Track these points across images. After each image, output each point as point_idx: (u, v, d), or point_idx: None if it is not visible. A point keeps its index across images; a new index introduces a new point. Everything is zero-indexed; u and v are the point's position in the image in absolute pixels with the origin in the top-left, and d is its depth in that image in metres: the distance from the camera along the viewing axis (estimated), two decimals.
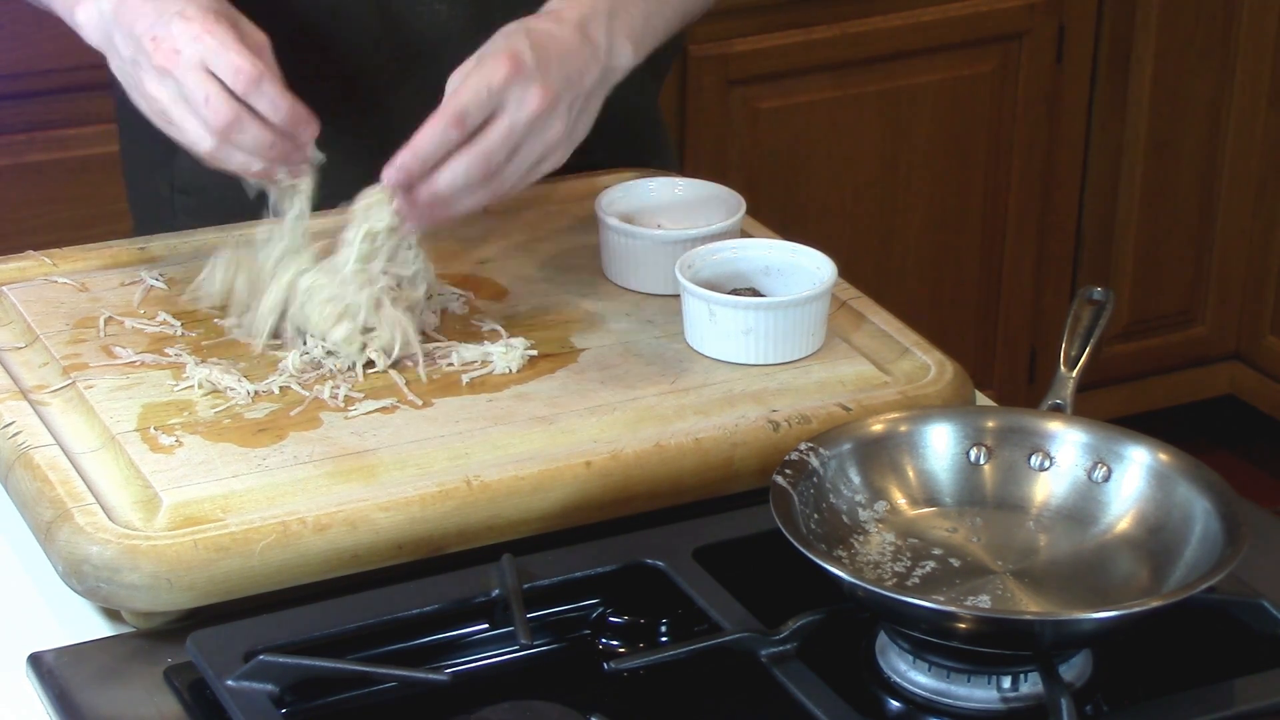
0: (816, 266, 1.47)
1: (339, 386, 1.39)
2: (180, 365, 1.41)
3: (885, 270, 3.06)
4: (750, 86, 2.88)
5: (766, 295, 1.47)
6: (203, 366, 1.40)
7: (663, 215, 1.58)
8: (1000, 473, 1.27)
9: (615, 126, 1.56)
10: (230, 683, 1.14)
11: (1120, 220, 3.21)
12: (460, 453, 1.32)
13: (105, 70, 1.50)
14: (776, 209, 2.76)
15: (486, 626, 1.22)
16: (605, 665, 1.17)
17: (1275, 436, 3.35)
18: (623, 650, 1.22)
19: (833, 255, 1.48)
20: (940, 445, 1.28)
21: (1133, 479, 1.25)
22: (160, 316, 1.48)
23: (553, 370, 1.42)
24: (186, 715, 1.16)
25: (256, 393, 1.38)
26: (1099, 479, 1.26)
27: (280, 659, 1.14)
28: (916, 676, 1.17)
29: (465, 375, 1.41)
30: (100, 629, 1.25)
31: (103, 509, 1.26)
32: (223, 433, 1.34)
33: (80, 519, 1.25)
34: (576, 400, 1.39)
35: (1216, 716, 1.13)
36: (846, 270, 1.50)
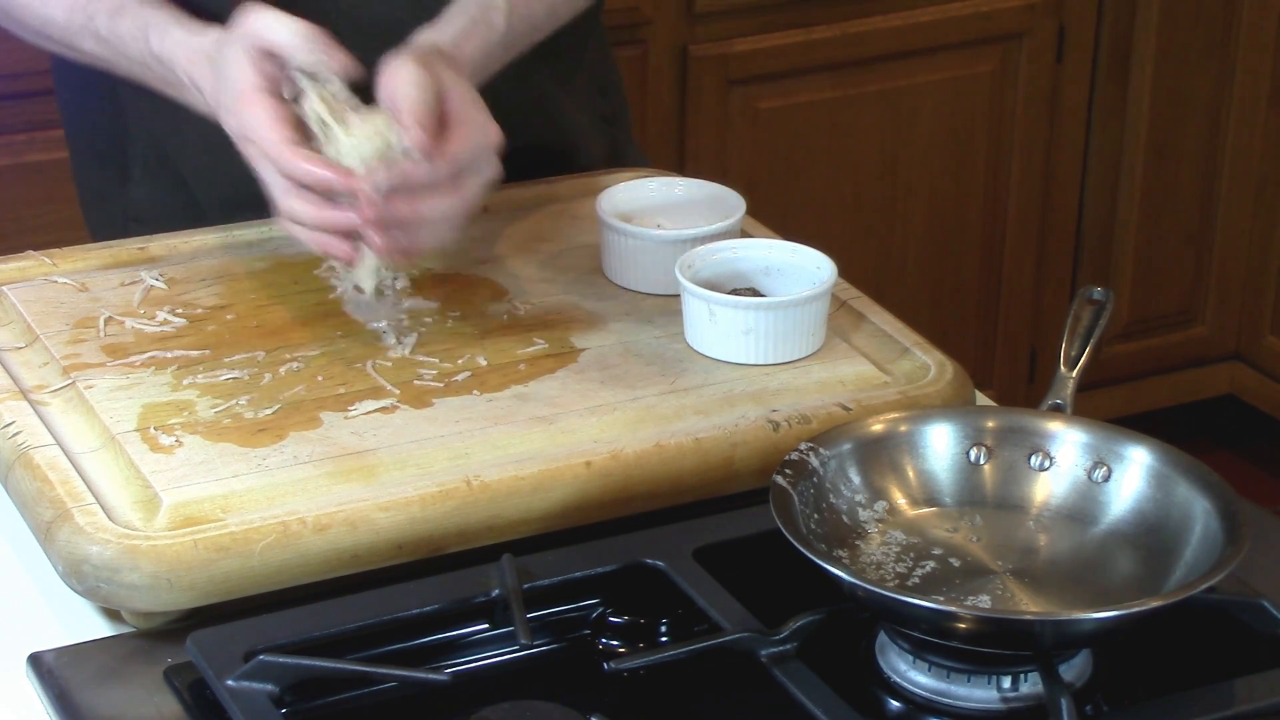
0: (816, 266, 1.47)
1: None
2: (180, 366, 1.41)
3: (885, 270, 3.06)
4: (750, 86, 2.88)
5: (766, 295, 1.47)
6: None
7: (663, 215, 1.58)
8: (1000, 473, 1.27)
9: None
10: (230, 683, 1.14)
11: (1120, 220, 3.21)
12: (460, 453, 1.32)
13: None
14: (776, 209, 2.76)
15: (486, 626, 1.22)
16: (605, 665, 1.17)
17: (1275, 436, 3.35)
18: (623, 650, 1.22)
19: (833, 255, 1.48)
20: (940, 445, 1.28)
21: (1133, 479, 1.25)
22: (160, 316, 1.48)
23: (553, 370, 1.42)
24: (186, 715, 1.16)
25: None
26: (1099, 479, 1.26)
27: (280, 659, 1.14)
28: (916, 676, 1.17)
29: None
30: (100, 629, 1.25)
31: (103, 509, 1.26)
32: (223, 433, 1.34)
33: (80, 519, 1.25)
34: (576, 400, 1.39)
35: (1216, 716, 1.13)
36: (846, 270, 1.50)
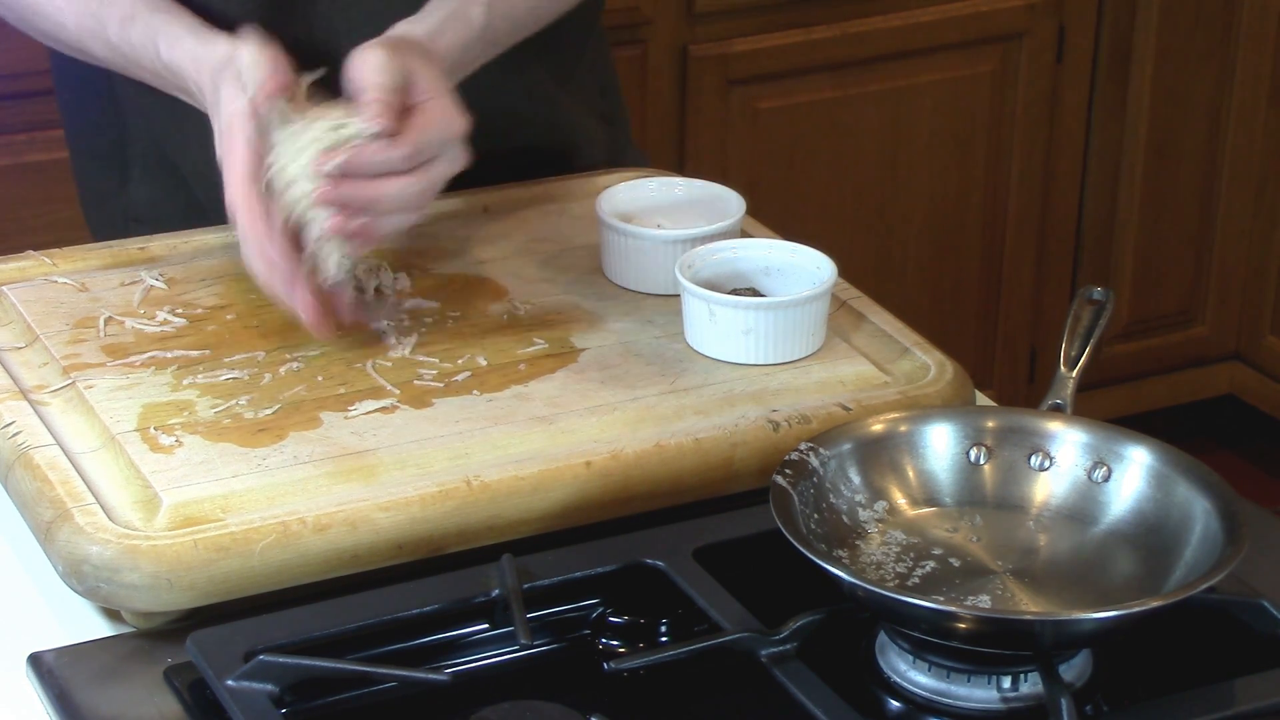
0: (816, 266, 1.47)
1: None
2: (180, 366, 1.41)
3: (885, 270, 3.06)
4: (750, 86, 2.88)
5: (766, 295, 1.47)
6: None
7: (663, 215, 1.58)
8: (1000, 473, 1.27)
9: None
10: (230, 683, 1.14)
11: (1120, 220, 3.21)
12: (460, 453, 1.32)
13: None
14: (776, 209, 2.76)
15: (486, 626, 1.22)
16: (605, 665, 1.17)
17: (1275, 436, 3.35)
18: (623, 650, 1.22)
19: (833, 255, 1.48)
20: (940, 445, 1.28)
21: (1133, 479, 1.25)
22: (160, 316, 1.48)
23: (553, 370, 1.42)
24: (186, 715, 1.16)
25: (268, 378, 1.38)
26: (1099, 479, 1.26)
27: (280, 659, 1.14)
28: (916, 676, 1.17)
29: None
30: (100, 629, 1.25)
31: (103, 509, 1.26)
32: (223, 433, 1.34)
33: (80, 519, 1.25)
34: (576, 400, 1.38)
35: (1216, 716, 1.13)
36: (846, 270, 1.50)
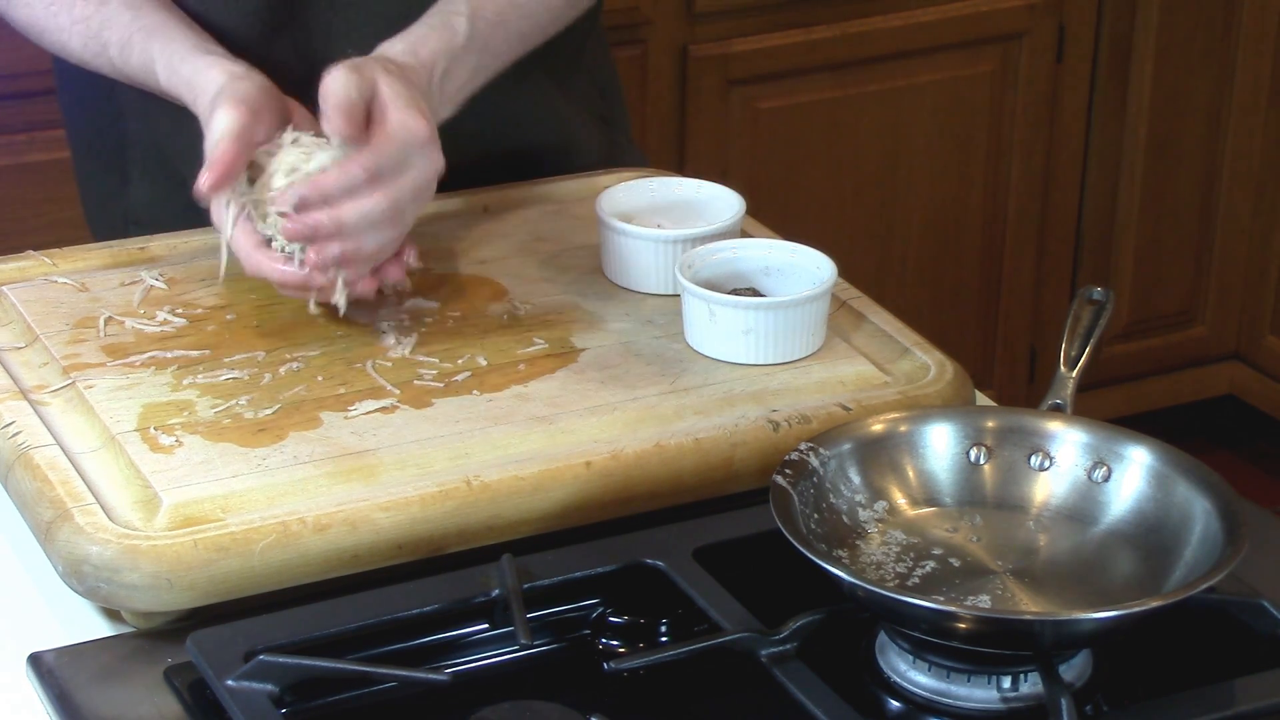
0: (816, 266, 1.47)
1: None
2: (180, 366, 1.41)
3: (885, 270, 3.06)
4: (750, 86, 2.88)
5: (766, 295, 1.47)
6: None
7: (663, 215, 1.58)
8: (1000, 473, 1.27)
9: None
10: (230, 683, 1.14)
11: (1120, 220, 3.21)
12: (460, 453, 1.32)
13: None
14: (776, 209, 2.76)
15: (486, 626, 1.22)
16: (605, 665, 1.17)
17: (1275, 436, 3.35)
18: (623, 650, 1.22)
19: (833, 255, 1.48)
20: (940, 445, 1.28)
21: (1133, 479, 1.25)
22: (160, 316, 1.48)
23: (553, 370, 1.42)
24: (186, 715, 1.16)
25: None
26: (1099, 479, 1.26)
27: (280, 659, 1.14)
28: (916, 676, 1.17)
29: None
30: (100, 629, 1.25)
31: (103, 509, 1.26)
32: (223, 433, 1.34)
33: (80, 519, 1.25)
34: (576, 400, 1.38)
35: (1216, 716, 1.13)
36: (846, 270, 1.50)
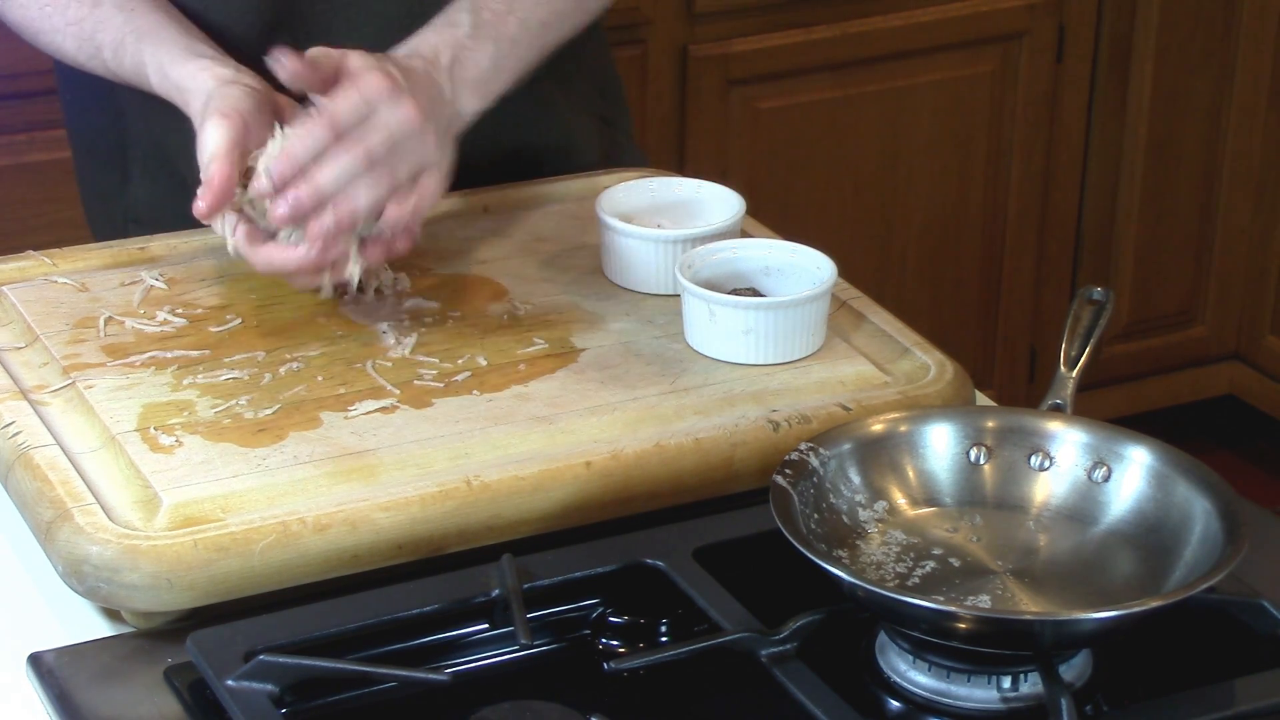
0: (816, 266, 1.47)
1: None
2: (180, 366, 1.41)
3: (885, 270, 3.06)
4: (750, 86, 2.88)
5: (766, 295, 1.47)
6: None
7: (663, 215, 1.58)
8: (1000, 473, 1.27)
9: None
10: (230, 683, 1.14)
11: (1120, 220, 3.21)
12: (460, 453, 1.32)
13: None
14: (776, 209, 2.76)
15: (486, 626, 1.22)
16: (605, 665, 1.17)
17: (1275, 436, 3.35)
18: (623, 650, 1.22)
19: (833, 255, 1.48)
20: (940, 445, 1.28)
21: (1133, 479, 1.25)
22: (160, 316, 1.48)
23: (553, 370, 1.42)
24: (186, 715, 1.16)
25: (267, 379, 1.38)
26: (1099, 479, 1.26)
27: (280, 659, 1.14)
28: (916, 676, 1.17)
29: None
30: (100, 629, 1.25)
31: (103, 509, 1.26)
32: (223, 433, 1.34)
33: (80, 519, 1.25)
34: (576, 400, 1.38)
35: (1216, 716, 1.13)
36: (846, 270, 1.50)
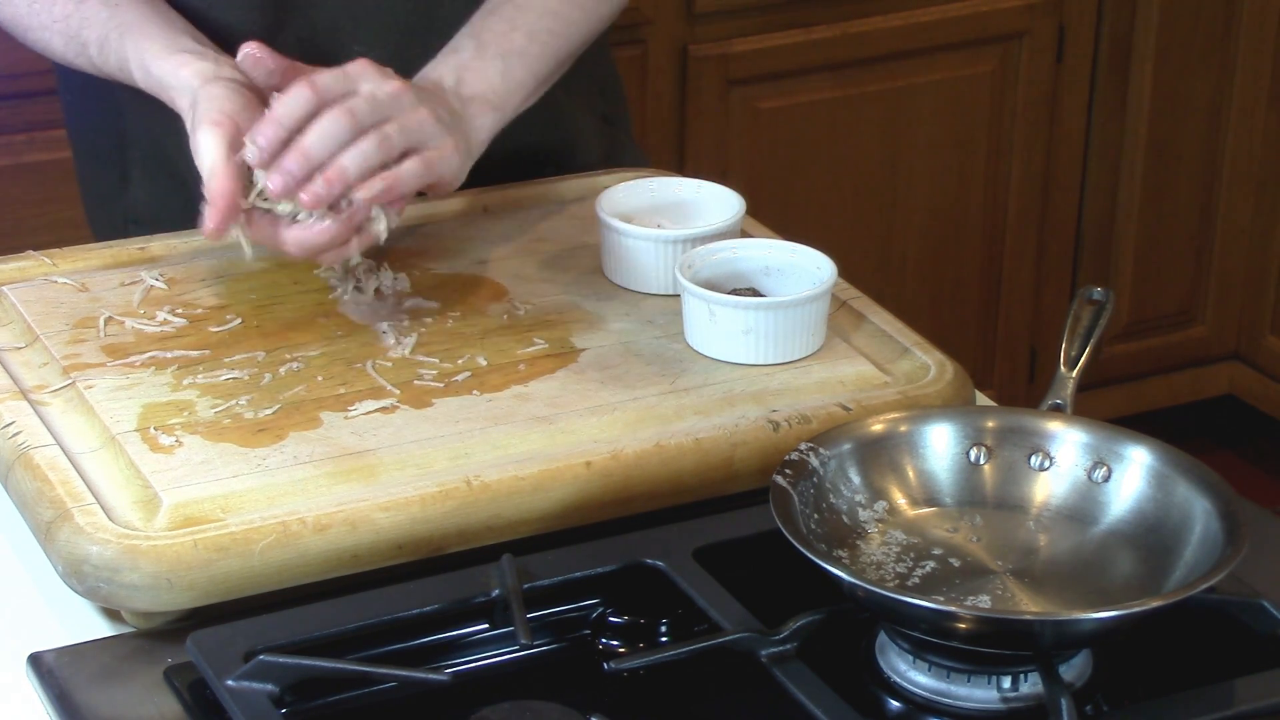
0: (816, 266, 1.47)
1: None
2: (180, 366, 1.41)
3: (885, 270, 3.06)
4: (750, 86, 2.88)
5: (766, 295, 1.47)
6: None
7: (663, 215, 1.58)
8: (1000, 473, 1.27)
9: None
10: (230, 683, 1.14)
11: (1120, 220, 3.21)
12: (460, 453, 1.32)
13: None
14: (776, 209, 2.76)
15: (486, 626, 1.22)
16: (605, 665, 1.17)
17: (1275, 436, 3.35)
18: (623, 650, 1.22)
19: (833, 255, 1.48)
20: (940, 445, 1.28)
21: (1133, 479, 1.25)
22: (160, 316, 1.48)
23: (553, 370, 1.42)
24: (186, 715, 1.16)
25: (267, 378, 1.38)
26: (1099, 479, 1.26)
27: (280, 659, 1.14)
28: (916, 676, 1.17)
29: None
30: (100, 629, 1.25)
31: (103, 509, 1.26)
32: (223, 433, 1.34)
33: (80, 519, 1.25)
34: (576, 400, 1.38)
35: (1216, 716, 1.13)
36: (846, 270, 1.50)
